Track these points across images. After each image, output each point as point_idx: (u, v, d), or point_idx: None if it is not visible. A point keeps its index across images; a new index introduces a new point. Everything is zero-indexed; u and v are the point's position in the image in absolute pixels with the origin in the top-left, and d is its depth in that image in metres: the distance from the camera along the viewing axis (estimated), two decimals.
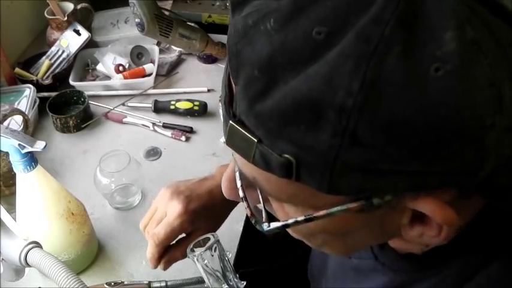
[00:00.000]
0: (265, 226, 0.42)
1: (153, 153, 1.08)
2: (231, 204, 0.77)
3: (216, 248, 0.60)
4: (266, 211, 0.42)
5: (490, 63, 0.30)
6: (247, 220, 0.94)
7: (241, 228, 0.92)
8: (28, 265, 0.60)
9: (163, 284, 0.81)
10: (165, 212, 0.73)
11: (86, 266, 0.87)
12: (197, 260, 0.60)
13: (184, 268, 0.86)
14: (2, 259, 0.62)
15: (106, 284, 0.76)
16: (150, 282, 0.80)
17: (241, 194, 0.43)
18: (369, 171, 0.32)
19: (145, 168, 1.01)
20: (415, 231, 0.39)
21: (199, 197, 0.74)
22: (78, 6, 1.32)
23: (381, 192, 0.35)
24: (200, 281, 0.83)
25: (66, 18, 1.27)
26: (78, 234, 0.82)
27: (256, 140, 0.34)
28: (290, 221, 0.39)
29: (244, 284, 0.62)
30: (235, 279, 0.61)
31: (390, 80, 0.30)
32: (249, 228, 0.94)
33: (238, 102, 0.34)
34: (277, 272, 1.05)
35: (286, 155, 0.33)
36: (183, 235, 0.74)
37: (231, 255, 0.67)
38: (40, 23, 1.39)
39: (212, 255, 0.60)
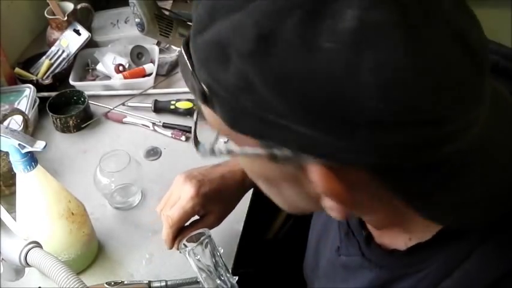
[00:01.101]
0: (200, 148, 0.48)
1: (153, 153, 1.08)
2: (242, 190, 0.83)
3: (207, 243, 0.60)
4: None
5: (388, 48, 0.32)
6: (247, 220, 0.94)
7: (241, 228, 0.92)
8: (28, 265, 0.60)
9: (163, 283, 0.81)
10: (179, 196, 0.77)
11: (86, 266, 0.87)
12: (189, 254, 0.60)
13: (184, 268, 0.86)
14: (2, 259, 0.62)
15: (106, 284, 0.76)
16: (150, 282, 0.80)
17: (194, 117, 0.49)
18: (262, 119, 0.36)
19: (145, 168, 1.01)
20: (325, 200, 0.41)
21: (211, 181, 0.78)
22: (78, 6, 1.32)
23: (278, 144, 0.37)
24: (200, 281, 0.83)
25: (66, 18, 1.27)
26: (78, 234, 0.81)
27: (190, 65, 0.40)
28: (216, 146, 0.45)
29: (236, 279, 0.62)
30: (227, 275, 0.61)
31: (285, 38, 0.33)
32: (249, 228, 0.94)
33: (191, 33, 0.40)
34: (277, 272, 1.06)
35: (203, 84, 0.39)
36: (196, 217, 0.79)
37: (222, 250, 0.67)
38: (40, 23, 1.39)
39: (203, 251, 0.60)
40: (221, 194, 0.79)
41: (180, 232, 0.77)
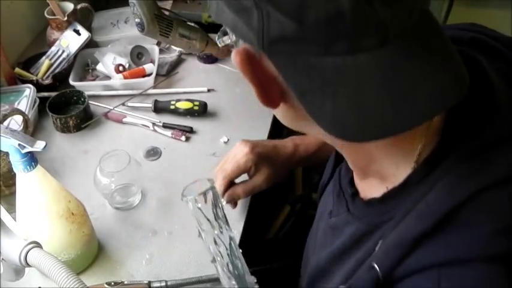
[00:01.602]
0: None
1: (153, 153, 1.08)
2: (290, 163, 0.92)
3: (210, 193, 0.61)
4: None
5: None
6: (247, 220, 0.94)
7: (241, 228, 0.92)
8: (28, 265, 0.60)
9: (163, 284, 0.81)
10: (234, 154, 0.88)
11: (86, 266, 0.87)
12: (190, 202, 0.60)
13: (184, 268, 0.86)
14: (2, 259, 0.63)
15: (106, 284, 0.76)
16: (150, 282, 0.80)
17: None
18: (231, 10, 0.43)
19: (145, 168, 1.01)
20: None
21: (265, 146, 0.90)
22: (78, 6, 1.32)
23: (230, 31, 0.46)
24: (200, 281, 0.83)
25: (66, 18, 1.27)
26: (78, 234, 0.82)
27: None
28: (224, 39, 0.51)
29: (234, 232, 0.63)
30: (226, 227, 0.61)
31: None
32: (249, 229, 0.94)
33: None
34: (277, 273, 1.06)
35: None
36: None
37: (225, 203, 0.67)
38: (40, 23, 1.39)
39: (206, 201, 0.60)
40: (272, 159, 0.89)
41: (230, 186, 0.88)
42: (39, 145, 0.70)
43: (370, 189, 0.56)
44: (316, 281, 0.66)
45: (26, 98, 1.12)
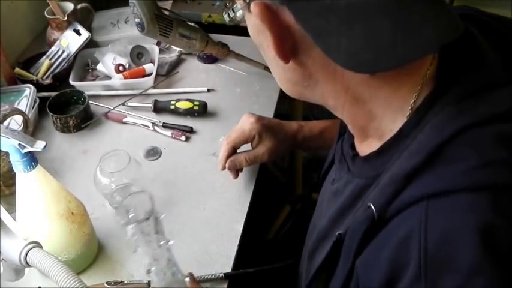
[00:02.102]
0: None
1: (153, 153, 1.08)
2: (293, 142, 0.96)
3: (151, 210, 0.61)
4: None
5: None
6: (247, 220, 0.94)
7: (241, 229, 0.92)
8: (28, 265, 0.60)
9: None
10: (240, 125, 0.94)
11: (86, 266, 0.87)
12: (132, 229, 0.60)
13: (184, 268, 0.86)
14: (2, 259, 0.63)
15: (106, 283, 0.76)
16: (150, 282, 0.80)
17: None
18: None
19: (145, 168, 1.01)
20: (269, 48, 0.53)
21: (270, 120, 0.96)
22: (78, 6, 1.32)
23: None
24: (200, 281, 0.83)
25: (66, 18, 1.27)
26: (78, 234, 0.81)
27: None
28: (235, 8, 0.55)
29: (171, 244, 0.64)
30: (164, 241, 0.62)
31: None
32: (249, 229, 0.94)
33: None
34: (277, 273, 1.05)
35: None
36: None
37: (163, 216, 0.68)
38: (40, 23, 1.39)
39: (147, 221, 0.60)
40: (276, 132, 0.94)
41: (233, 153, 0.93)
42: (39, 145, 0.70)
43: (370, 149, 0.58)
44: (317, 247, 0.67)
45: (26, 98, 1.12)
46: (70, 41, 1.27)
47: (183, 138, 1.10)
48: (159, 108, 1.15)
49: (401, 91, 0.52)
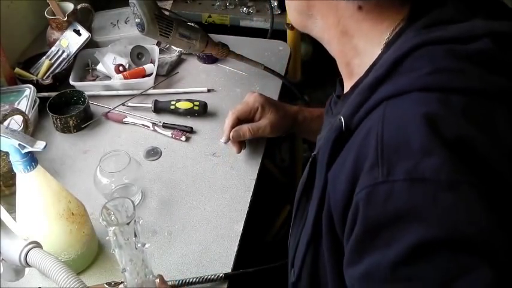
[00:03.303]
0: None
1: (153, 153, 1.08)
2: (294, 120, 1.03)
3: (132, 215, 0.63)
4: None
5: None
6: (247, 220, 0.94)
7: (241, 229, 0.92)
8: (28, 265, 0.60)
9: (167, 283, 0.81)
10: (245, 99, 1.03)
11: (86, 266, 0.87)
12: (113, 232, 0.62)
13: (184, 268, 0.86)
14: (2, 259, 0.63)
15: (106, 284, 0.76)
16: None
17: None
18: None
19: (145, 168, 1.01)
20: None
21: (273, 99, 1.06)
22: (78, 6, 1.32)
23: None
24: (200, 281, 0.83)
25: (66, 18, 1.27)
26: (78, 234, 0.82)
27: None
28: None
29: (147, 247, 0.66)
30: (141, 244, 0.64)
31: None
32: (249, 229, 0.94)
33: None
34: (277, 273, 1.05)
35: None
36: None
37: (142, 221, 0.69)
38: (40, 23, 1.39)
39: (128, 225, 0.62)
40: (278, 108, 1.02)
41: (238, 124, 1.00)
42: (39, 145, 0.70)
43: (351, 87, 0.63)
44: (301, 200, 0.69)
45: (26, 98, 1.12)
46: (70, 41, 1.27)
47: (183, 138, 1.10)
48: (159, 108, 1.15)
49: (381, 26, 0.58)
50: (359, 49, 0.61)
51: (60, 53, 1.27)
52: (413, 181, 0.45)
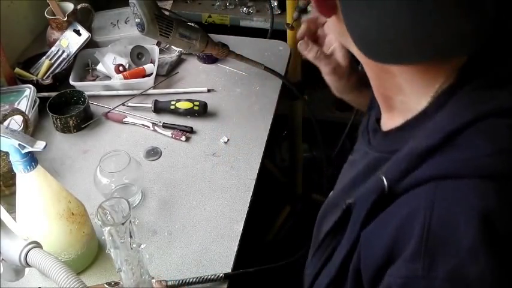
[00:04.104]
0: None
1: (153, 153, 1.08)
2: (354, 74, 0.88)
3: (128, 214, 0.63)
4: None
5: None
6: (247, 220, 0.94)
7: (241, 229, 0.92)
8: (28, 265, 0.60)
9: (163, 283, 0.81)
10: None
11: (86, 266, 0.87)
12: (109, 232, 0.62)
13: (184, 268, 0.86)
14: (2, 259, 0.63)
15: (106, 284, 0.76)
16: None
17: None
18: None
19: (145, 168, 1.01)
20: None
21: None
22: (78, 6, 1.32)
23: None
24: (200, 281, 0.83)
25: (66, 18, 1.27)
26: (78, 234, 0.82)
27: None
28: None
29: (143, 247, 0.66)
30: (136, 243, 0.65)
31: None
32: (249, 229, 0.94)
33: None
34: (277, 273, 1.06)
35: None
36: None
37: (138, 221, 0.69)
38: (40, 23, 1.39)
39: (124, 226, 0.62)
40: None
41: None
42: (39, 145, 0.70)
43: (393, 123, 0.59)
44: (326, 215, 0.68)
45: (26, 98, 1.12)
46: (70, 41, 1.27)
47: (183, 138, 1.10)
48: (159, 108, 1.15)
49: (430, 73, 0.53)
50: (404, 88, 0.56)
51: (60, 53, 1.27)
52: (455, 283, 0.43)
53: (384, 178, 0.51)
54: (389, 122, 0.61)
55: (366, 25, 0.49)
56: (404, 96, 0.57)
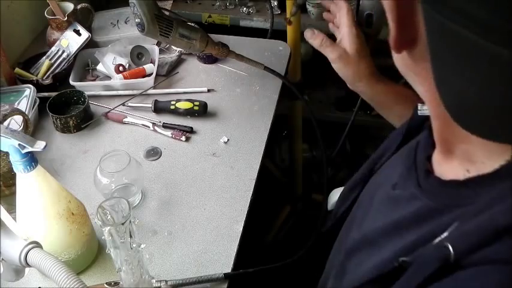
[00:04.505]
0: None
1: (153, 153, 1.08)
2: (372, 69, 0.88)
3: (128, 214, 0.63)
4: None
5: None
6: (247, 220, 0.94)
7: (241, 229, 0.92)
8: (28, 265, 0.60)
9: (163, 283, 0.81)
10: None
11: (86, 266, 0.87)
12: (109, 232, 0.62)
13: (184, 268, 0.86)
14: (2, 259, 0.63)
15: (106, 284, 0.76)
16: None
17: None
18: None
19: (145, 168, 1.01)
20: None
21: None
22: (78, 6, 1.32)
23: None
24: (200, 281, 0.83)
25: (66, 18, 1.27)
26: (78, 234, 0.82)
27: None
28: None
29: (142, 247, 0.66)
30: (136, 243, 0.65)
31: None
32: (249, 229, 0.94)
33: None
34: (277, 273, 1.06)
35: None
36: None
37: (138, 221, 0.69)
38: (40, 23, 1.40)
39: (123, 225, 0.62)
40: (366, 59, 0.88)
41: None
42: (39, 145, 0.70)
43: (450, 169, 0.54)
44: (357, 251, 0.64)
45: (26, 98, 1.12)
46: (70, 41, 1.27)
47: (183, 138, 1.10)
48: (159, 108, 1.15)
49: None
50: (472, 140, 0.49)
51: (60, 53, 1.27)
52: None
53: (450, 247, 0.46)
54: (446, 168, 0.56)
55: (461, 87, 0.42)
56: (470, 146, 0.50)
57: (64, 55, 1.27)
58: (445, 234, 0.49)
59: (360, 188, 0.76)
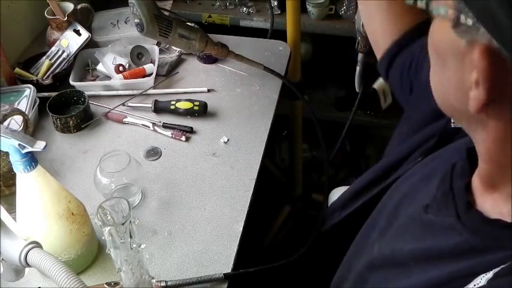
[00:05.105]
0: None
1: (153, 153, 1.08)
2: None
3: (128, 215, 0.64)
4: None
5: None
6: (247, 220, 0.94)
7: (241, 229, 0.92)
8: (28, 265, 0.60)
9: (163, 284, 0.81)
10: None
11: (86, 266, 0.87)
12: (110, 231, 0.63)
13: (184, 268, 0.86)
14: (2, 259, 0.63)
15: (106, 284, 0.76)
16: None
17: None
18: None
19: (145, 168, 1.01)
20: (472, 91, 0.43)
21: None
22: (78, 6, 1.32)
23: (466, 9, 0.40)
24: (200, 281, 0.83)
25: (66, 18, 1.27)
26: (78, 234, 0.82)
27: None
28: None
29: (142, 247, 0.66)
30: (136, 243, 0.65)
31: None
32: (249, 229, 0.94)
33: None
34: (277, 273, 1.06)
35: None
36: None
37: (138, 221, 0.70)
38: (40, 23, 1.40)
39: (123, 225, 0.62)
40: None
41: None
42: (39, 145, 0.70)
43: (495, 204, 0.52)
44: (382, 268, 0.63)
45: (26, 98, 1.12)
46: (70, 41, 1.27)
47: (183, 138, 1.10)
48: (159, 108, 1.15)
49: None
50: None
51: (60, 53, 1.27)
52: None
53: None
54: (489, 202, 0.53)
55: None
56: None
57: (64, 55, 1.27)
58: (490, 275, 0.47)
59: (375, 190, 0.74)
